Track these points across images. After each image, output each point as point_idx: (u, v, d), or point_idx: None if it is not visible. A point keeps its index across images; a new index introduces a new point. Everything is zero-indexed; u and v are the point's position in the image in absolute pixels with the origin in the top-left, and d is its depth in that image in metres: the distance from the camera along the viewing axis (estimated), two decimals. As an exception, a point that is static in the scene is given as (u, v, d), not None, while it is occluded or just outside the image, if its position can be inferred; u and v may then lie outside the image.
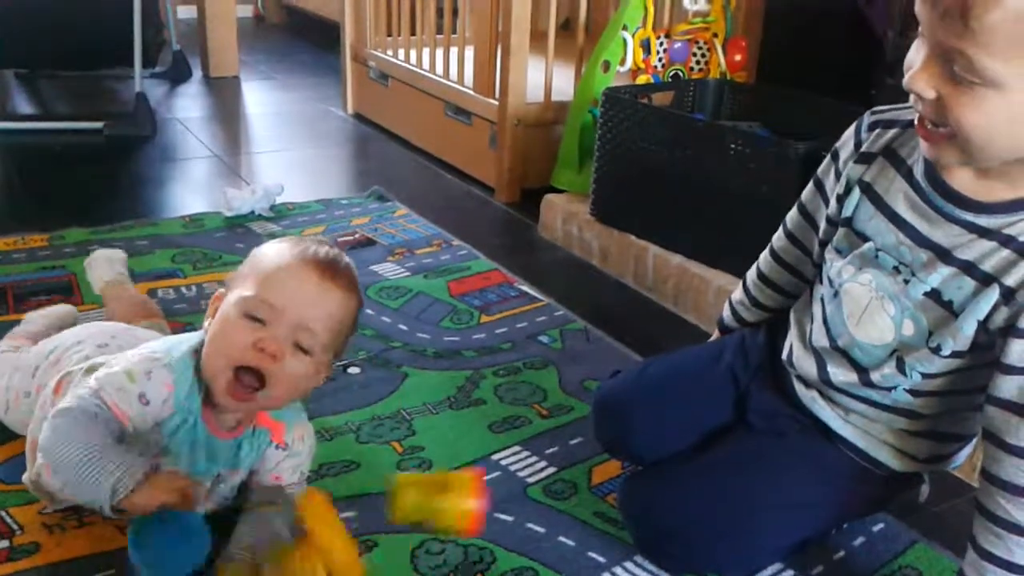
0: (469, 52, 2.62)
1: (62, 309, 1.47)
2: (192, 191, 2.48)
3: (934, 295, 0.95)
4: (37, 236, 1.99)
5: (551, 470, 1.30)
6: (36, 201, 2.29)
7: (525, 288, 1.89)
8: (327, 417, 1.39)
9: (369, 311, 1.74)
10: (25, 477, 1.12)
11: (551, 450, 1.34)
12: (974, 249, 0.91)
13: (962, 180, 0.92)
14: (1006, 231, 0.89)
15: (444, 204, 2.43)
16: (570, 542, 1.16)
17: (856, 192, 1.03)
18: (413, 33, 2.93)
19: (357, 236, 2.11)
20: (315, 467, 1.26)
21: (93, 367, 1.07)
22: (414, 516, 1.00)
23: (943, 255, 0.93)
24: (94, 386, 1.01)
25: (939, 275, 0.94)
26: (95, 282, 1.51)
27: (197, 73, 3.80)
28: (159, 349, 1.04)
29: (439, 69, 2.76)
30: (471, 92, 2.59)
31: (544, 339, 1.68)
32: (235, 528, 1.07)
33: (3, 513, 1.13)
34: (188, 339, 1.06)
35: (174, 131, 2.99)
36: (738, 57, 2.28)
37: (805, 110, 1.96)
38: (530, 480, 1.27)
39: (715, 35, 2.26)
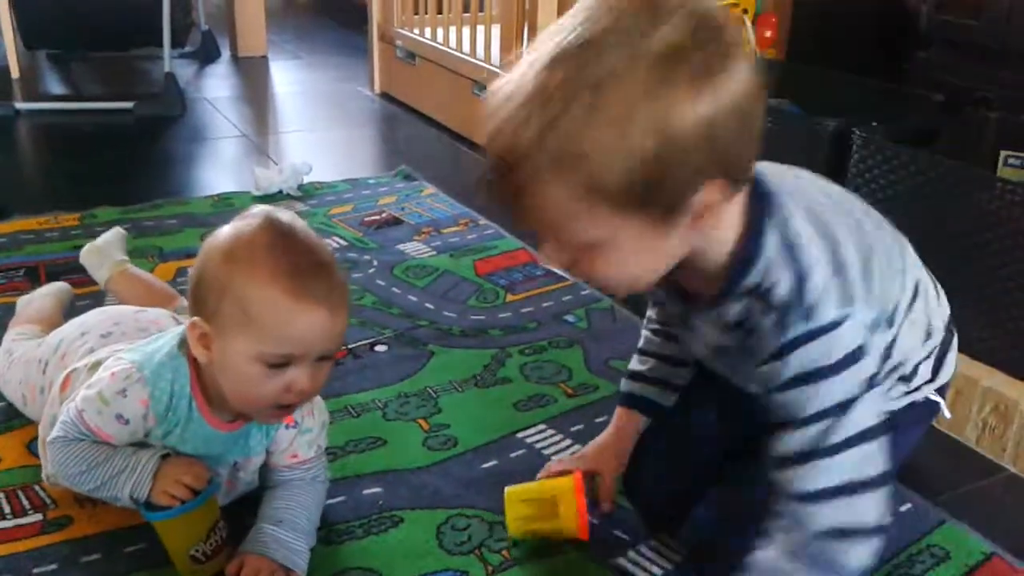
0: (496, 30, 2.61)
1: (56, 287, 1.47)
2: (221, 170, 2.50)
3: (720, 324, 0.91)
4: (69, 215, 2.01)
5: (576, 447, 1.30)
6: (68, 180, 2.32)
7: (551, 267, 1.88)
8: (354, 394, 1.39)
9: (395, 290, 1.75)
10: (43, 475, 1.13)
11: (576, 428, 1.34)
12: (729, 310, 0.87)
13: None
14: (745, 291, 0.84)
15: (471, 183, 2.43)
16: (594, 520, 1.16)
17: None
18: (440, 11, 2.93)
19: (384, 215, 2.12)
20: (342, 443, 1.27)
21: (97, 363, 1.08)
22: (527, 530, 1.11)
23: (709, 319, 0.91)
24: (77, 409, 1.01)
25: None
26: (98, 280, 1.49)
27: (226, 53, 3.82)
28: (136, 359, 1.02)
29: (466, 47, 2.75)
30: (498, 70, 2.58)
31: (570, 318, 1.68)
32: (262, 502, 1.08)
33: (36, 487, 1.15)
34: (166, 343, 1.04)
35: (203, 111, 3.01)
36: (768, 33, 2.26)
37: (835, 87, 1.94)
38: (555, 458, 1.28)
39: (745, 11, 2.24)
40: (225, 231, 0.99)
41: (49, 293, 1.45)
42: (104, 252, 1.50)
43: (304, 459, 1.10)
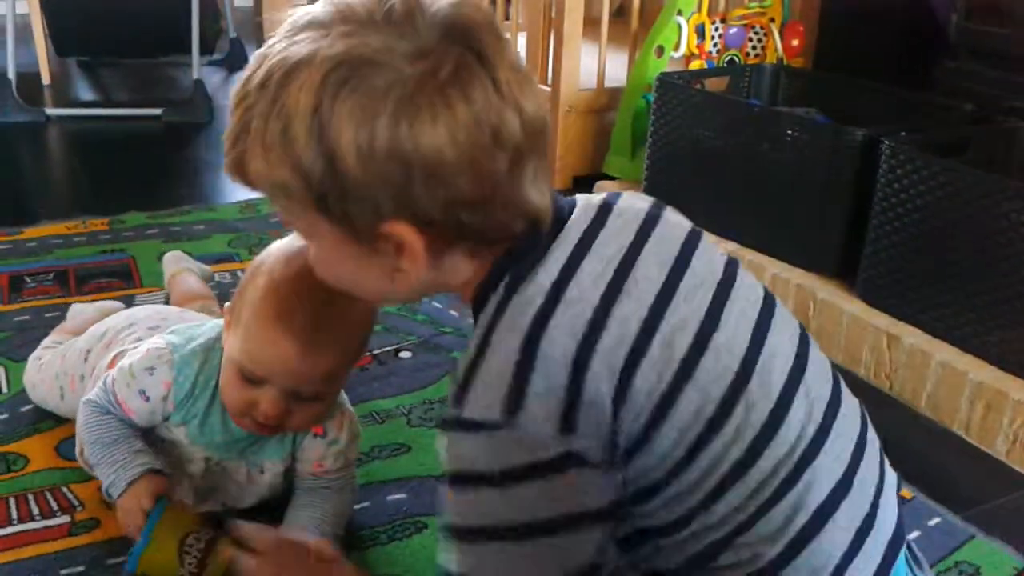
0: (522, 39, 2.61)
1: (108, 305, 1.49)
2: (247, 177, 2.51)
3: None
4: (98, 220, 2.03)
5: (601, 457, 1.29)
6: (96, 186, 2.34)
7: (576, 275, 1.88)
8: (378, 400, 1.40)
9: (420, 296, 1.75)
10: (77, 454, 1.14)
11: (601, 437, 1.34)
12: None
13: None
14: None
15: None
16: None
17: None
18: (466, 20, 2.93)
19: (409, 222, 2.12)
20: (366, 449, 1.27)
21: None
22: None
23: None
24: (112, 377, 1.04)
25: None
26: (165, 275, 1.56)
27: (253, 61, 3.84)
28: (173, 341, 1.04)
29: (492, 56, 2.75)
30: (523, 78, 2.58)
31: (595, 326, 1.67)
32: (288, 509, 1.09)
33: (65, 489, 1.16)
34: (204, 333, 1.05)
35: (230, 118, 3.03)
36: (795, 42, 2.25)
37: (863, 96, 1.93)
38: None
39: (772, 20, 2.23)
40: (287, 246, 0.97)
41: (100, 309, 1.46)
42: (179, 258, 1.58)
43: (330, 470, 1.09)
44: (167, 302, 1.49)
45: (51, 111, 2.90)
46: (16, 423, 1.30)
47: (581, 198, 0.78)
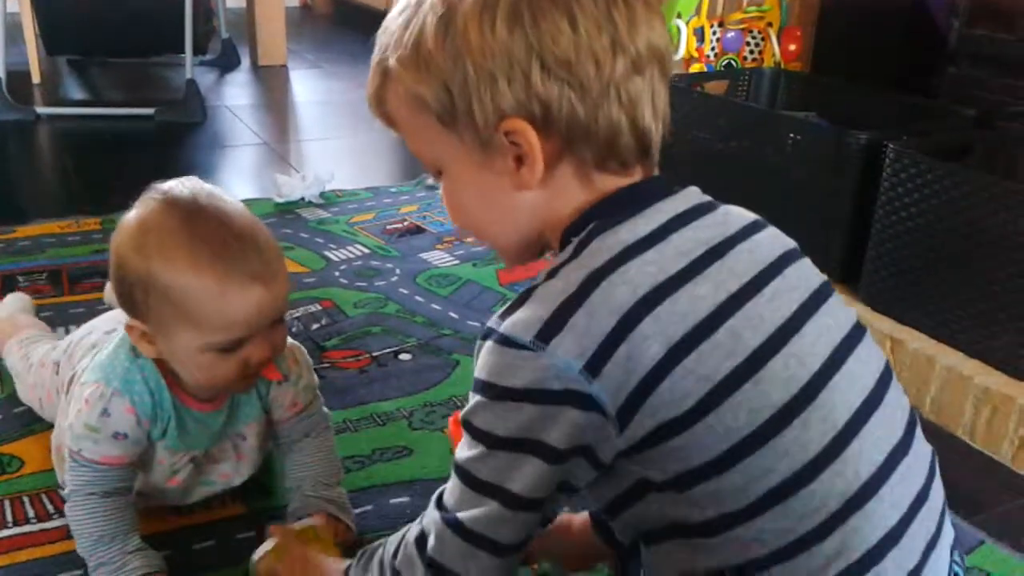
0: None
1: (13, 297, 1.49)
2: (242, 177, 2.49)
3: None
4: (90, 219, 2.00)
5: (605, 461, 1.28)
6: (89, 185, 2.31)
7: (575, 278, 1.87)
8: (379, 403, 1.38)
9: (419, 298, 1.73)
10: (59, 480, 1.11)
11: (604, 441, 1.33)
12: None
13: None
14: None
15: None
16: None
17: None
18: (462, 22, 2.92)
19: (406, 224, 2.11)
20: (368, 451, 1.25)
21: (94, 344, 1.09)
22: None
23: None
24: (73, 451, 0.98)
25: None
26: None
27: (246, 61, 3.82)
28: (100, 376, 0.98)
29: (488, 58, 2.74)
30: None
31: (595, 329, 1.66)
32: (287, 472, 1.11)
33: (60, 491, 1.13)
34: (118, 348, 1.00)
35: (223, 118, 3.01)
36: (793, 47, 2.25)
37: (862, 101, 1.92)
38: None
39: (770, 24, 2.23)
40: (129, 221, 0.93)
41: (9, 304, 1.47)
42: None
43: (305, 405, 1.10)
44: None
45: (41, 110, 2.88)
46: (10, 425, 1.27)
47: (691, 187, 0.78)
